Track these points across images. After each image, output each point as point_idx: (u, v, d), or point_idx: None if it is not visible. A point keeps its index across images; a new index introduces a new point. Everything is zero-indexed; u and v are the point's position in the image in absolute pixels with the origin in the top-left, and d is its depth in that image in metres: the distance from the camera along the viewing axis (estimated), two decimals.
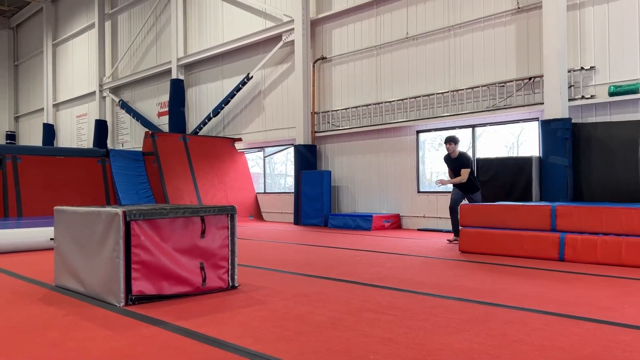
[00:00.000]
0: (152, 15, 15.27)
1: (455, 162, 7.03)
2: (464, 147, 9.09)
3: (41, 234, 6.56)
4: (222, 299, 3.57)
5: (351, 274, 4.61)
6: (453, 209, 7.04)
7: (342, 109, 10.69)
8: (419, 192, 9.60)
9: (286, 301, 3.47)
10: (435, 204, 9.28)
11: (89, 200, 10.38)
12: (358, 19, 10.45)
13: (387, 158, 10.03)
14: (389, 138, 9.98)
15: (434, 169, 9.71)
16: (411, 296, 3.62)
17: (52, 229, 6.63)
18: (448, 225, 8.93)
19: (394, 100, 9.79)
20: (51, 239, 6.47)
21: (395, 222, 9.65)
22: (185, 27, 14.22)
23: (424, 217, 9.43)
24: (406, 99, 9.58)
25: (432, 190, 9.52)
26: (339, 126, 10.71)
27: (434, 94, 9.20)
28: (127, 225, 3.38)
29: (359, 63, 10.45)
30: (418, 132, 9.62)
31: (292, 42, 11.30)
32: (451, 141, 7.04)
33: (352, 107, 10.49)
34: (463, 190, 7.06)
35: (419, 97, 9.40)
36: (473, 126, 8.97)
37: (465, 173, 6.90)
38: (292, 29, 11.21)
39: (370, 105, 10.18)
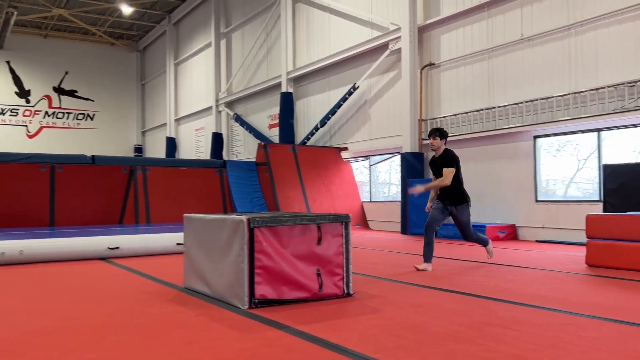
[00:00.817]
0: (263, 31, 16.02)
1: (438, 160, 5.58)
2: (587, 151, 8.44)
3: (169, 239, 7.12)
4: (339, 305, 3.63)
5: (467, 286, 4.46)
6: (429, 227, 5.44)
7: (450, 115, 10.43)
8: (536, 201, 9.06)
9: (401, 310, 3.44)
10: (555, 214, 8.70)
11: (208, 208, 11.08)
12: (468, 22, 10.16)
13: (500, 165, 9.59)
14: (503, 144, 9.54)
15: (551, 177, 9.11)
16: (536, 311, 3.42)
17: (178, 234, 7.17)
18: (571, 237, 8.32)
19: (508, 105, 9.36)
20: (178, 244, 7.00)
21: (511, 233, 9.18)
22: (294, 41, 14.74)
23: (542, 227, 8.87)
24: (521, 102, 9.11)
25: (551, 199, 8.94)
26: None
27: (552, 97, 8.66)
28: (251, 232, 3.56)
29: (469, 67, 10.14)
30: (535, 137, 9.10)
31: (399, 50, 11.25)
32: (436, 134, 5.57)
33: (461, 113, 10.20)
34: (447, 199, 5.48)
35: (536, 100, 8.89)
36: (598, 130, 8.30)
37: (448, 173, 5.36)
38: (399, 37, 11.17)
39: (482, 110, 9.82)
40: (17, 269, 5.71)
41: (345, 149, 12.97)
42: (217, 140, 17.99)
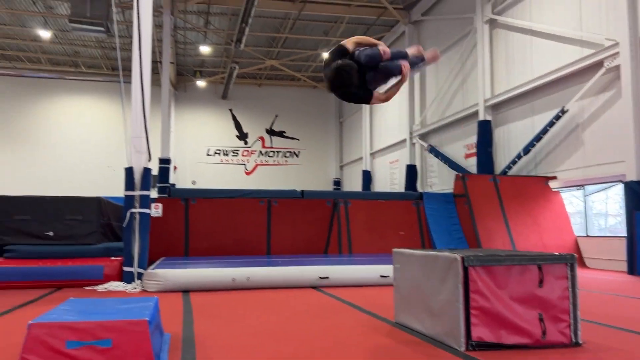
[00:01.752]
0: (458, 61, 15.85)
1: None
2: None
3: (373, 271, 7.33)
4: (567, 356, 3.30)
5: None
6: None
7: None
8: None
9: None
10: None
11: (406, 241, 11.15)
12: None
13: None
14: None
15: None
16: None
17: (381, 266, 7.34)
18: None
19: None
20: (382, 276, 7.16)
21: None
22: (491, 68, 14.25)
23: None
24: None
25: None
26: None
27: None
28: (465, 271, 3.47)
29: None
30: None
31: (617, 67, 10.07)
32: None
33: None
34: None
35: None
36: None
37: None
38: (617, 53, 10.01)
39: None
40: (246, 294, 6.43)
41: (554, 177, 11.92)
42: (411, 172, 18.12)
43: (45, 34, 18.47)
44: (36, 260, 7.35)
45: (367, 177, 22.15)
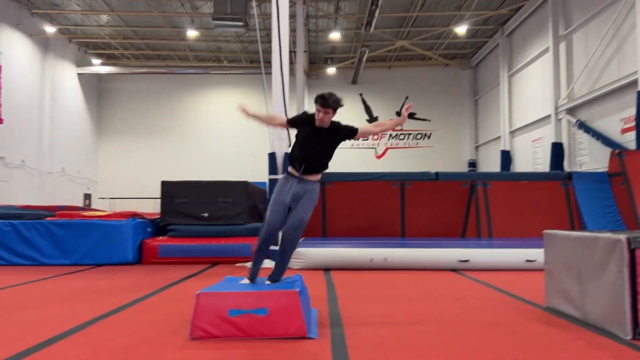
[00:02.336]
0: (612, 26, 14.24)
1: (327, 136, 3.95)
2: None
3: (517, 255, 6.97)
4: None
5: None
6: (273, 237, 3.93)
7: None
8: None
9: None
10: None
11: (553, 223, 10.37)
12: None
13: None
14: None
15: None
16: None
17: (526, 250, 6.95)
18: None
19: None
20: (527, 260, 6.78)
21: None
22: None
23: None
24: None
25: None
26: None
27: None
28: (632, 253, 3.16)
29: None
30: None
31: None
32: (331, 108, 3.81)
33: None
34: (315, 166, 4.00)
35: None
36: None
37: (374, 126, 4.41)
38: None
39: None
40: (383, 274, 6.51)
41: None
42: (558, 150, 16.75)
43: (192, 33, 20.14)
44: (194, 239, 8.16)
45: (506, 157, 20.95)
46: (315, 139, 3.91)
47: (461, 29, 19.97)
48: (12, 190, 16.96)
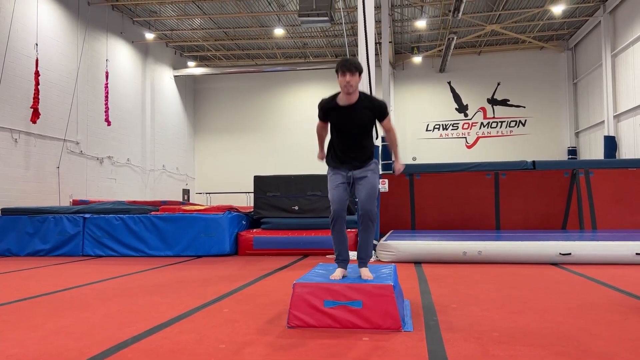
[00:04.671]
0: None
1: (359, 112, 3.71)
2: None
3: (626, 248, 6.47)
4: None
5: None
6: (340, 216, 3.67)
7: None
8: None
9: None
10: None
11: None
12: None
13: None
14: None
15: None
16: None
17: (636, 243, 6.44)
18: None
19: None
20: (638, 253, 6.28)
21: None
22: None
23: None
24: None
25: None
26: None
27: None
28: None
29: None
30: None
31: None
32: (353, 68, 3.57)
33: None
34: (358, 161, 3.78)
35: None
36: None
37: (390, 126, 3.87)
38: None
39: None
40: (477, 268, 6.31)
41: None
42: None
43: (279, 31, 20.64)
44: (286, 231, 8.40)
45: (610, 143, 19.43)
46: (347, 119, 3.73)
47: (557, 9, 18.78)
48: (119, 186, 18.42)
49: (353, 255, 7.63)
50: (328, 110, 3.83)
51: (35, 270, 6.83)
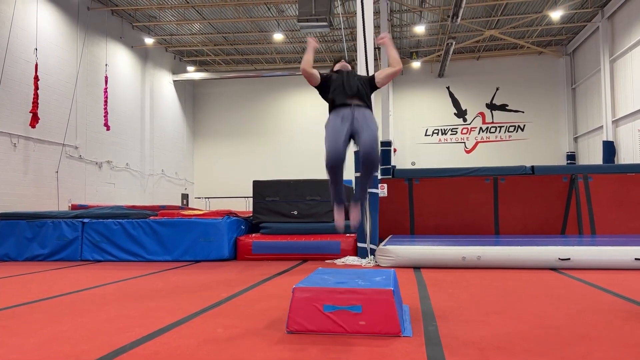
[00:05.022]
0: None
1: (355, 75, 4.53)
2: None
3: (625, 253, 6.46)
4: None
5: None
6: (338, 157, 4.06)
7: None
8: None
9: None
10: None
11: None
12: None
13: None
14: None
15: None
16: None
17: (635, 248, 6.43)
18: None
19: None
20: (637, 258, 6.28)
21: None
22: None
23: None
24: None
25: None
26: None
27: None
28: None
29: None
30: None
31: None
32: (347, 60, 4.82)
33: None
34: (359, 100, 4.27)
35: None
36: None
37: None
38: None
39: None
40: (476, 273, 6.31)
41: None
42: None
43: (278, 36, 20.69)
44: (285, 236, 8.39)
45: (609, 148, 19.47)
46: (347, 77, 4.38)
47: (556, 14, 18.86)
48: (118, 191, 18.40)
49: (353, 260, 7.58)
50: (329, 75, 4.51)
51: (34, 275, 6.81)
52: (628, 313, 3.80)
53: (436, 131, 24.97)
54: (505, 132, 24.38)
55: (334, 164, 3.77)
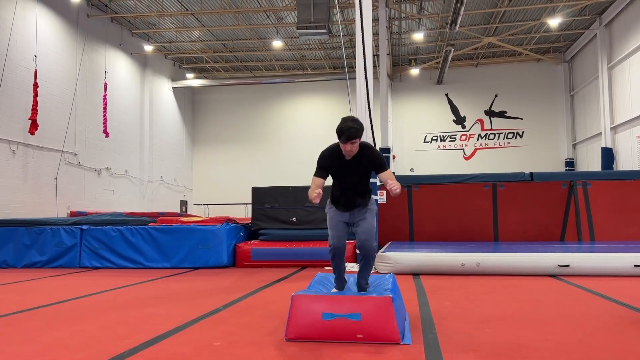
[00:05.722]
0: None
1: (360, 163, 3.83)
2: None
3: (623, 260, 6.46)
4: None
5: None
6: (340, 252, 3.83)
7: None
8: None
9: None
10: None
11: None
12: None
13: None
14: None
15: None
16: None
17: (633, 254, 6.43)
18: None
19: None
20: (636, 265, 6.27)
21: None
22: None
23: None
24: None
25: None
26: None
27: None
28: None
29: None
30: None
31: None
32: (358, 136, 3.66)
33: None
34: (360, 205, 3.92)
35: None
36: None
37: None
38: None
39: None
40: (475, 279, 6.30)
41: None
42: None
43: (277, 43, 20.74)
44: (284, 243, 8.38)
45: (607, 155, 19.50)
46: (348, 170, 3.84)
47: (554, 22, 18.94)
48: (116, 198, 18.38)
49: (352, 266, 7.57)
50: (330, 159, 3.89)
51: (32, 282, 6.79)
52: (627, 319, 3.80)
53: (435, 138, 24.99)
54: (504, 138, 24.40)
55: (336, 252, 3.84)
